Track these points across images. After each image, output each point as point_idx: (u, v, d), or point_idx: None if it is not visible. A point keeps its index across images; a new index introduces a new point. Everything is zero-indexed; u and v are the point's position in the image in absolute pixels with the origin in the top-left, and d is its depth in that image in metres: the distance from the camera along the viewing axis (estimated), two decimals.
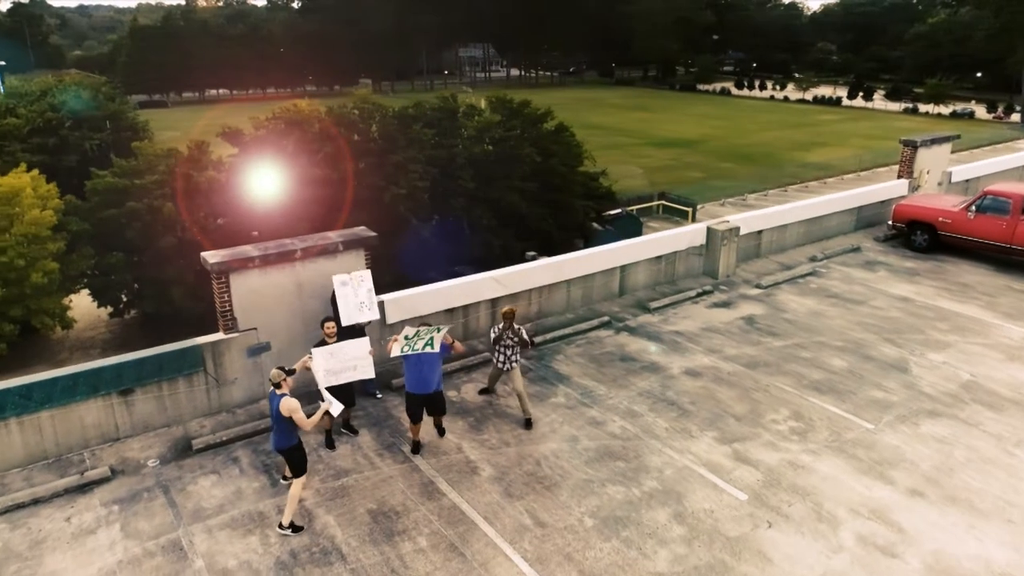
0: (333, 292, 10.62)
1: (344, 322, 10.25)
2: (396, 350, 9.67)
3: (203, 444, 10.04)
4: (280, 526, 8.46)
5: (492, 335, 10.73)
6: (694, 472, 9.65)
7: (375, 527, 8.59)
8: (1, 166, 30.16)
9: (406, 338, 9.66)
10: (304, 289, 11.01)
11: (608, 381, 12.02)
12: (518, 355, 10.69)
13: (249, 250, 10.61)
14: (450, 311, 12.87)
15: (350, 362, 9.71)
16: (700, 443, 10.30)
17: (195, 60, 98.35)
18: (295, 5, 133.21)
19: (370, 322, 10.93)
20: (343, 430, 10.42)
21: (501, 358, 10.65)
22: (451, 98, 38.16)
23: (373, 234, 11.57)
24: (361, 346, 9.85)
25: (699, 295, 15.54)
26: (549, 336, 13.45)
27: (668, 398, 11.48)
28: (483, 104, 39.21)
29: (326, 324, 9.82)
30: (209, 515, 8.76)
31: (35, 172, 28.44)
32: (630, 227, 39.64)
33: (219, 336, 10.60)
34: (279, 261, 10.68)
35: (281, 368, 8.48)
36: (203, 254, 10.45)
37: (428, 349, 9.54)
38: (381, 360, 10.70)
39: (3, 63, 75.08)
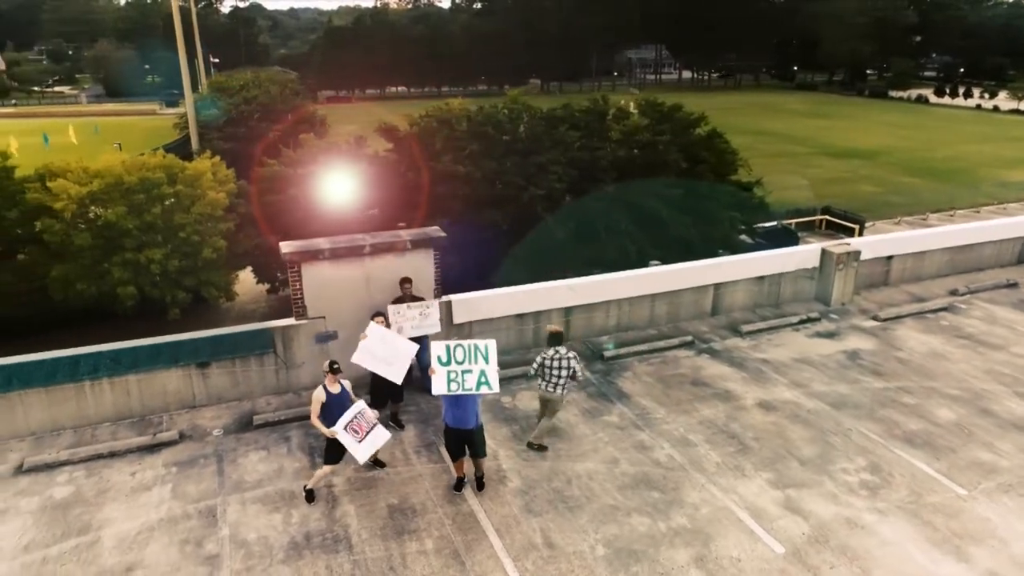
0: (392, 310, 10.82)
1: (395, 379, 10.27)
2: (441, 384, 8.65)
3: (262, 421, 10.77)
4: (304, 487, 9.15)
5: (535, 363, 10.00)
6: (733, 514, 8.92)
7: (389, 523, 8.77)
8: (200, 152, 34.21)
9: (447, 362, 8.66)
10: (372, 283, 11.44)
11: (670, 405, 11.40)
12: (565, 384, 9.95)
13: (321, 243, 11.21)
14: (520, 316, 12.83)
15: (390, 356, 9.95)
16: (750, 484, 9.50)
17: (378, 59, 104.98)
18: (477, 6, 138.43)
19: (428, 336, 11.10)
20: (391, 423, 10.72)
21: (544, 383, 9.97)
22: (601, 100, 37.92)
23: (443, 235, 11.78)
24: (408, 348, 10.08)
25: (802, 322, 14.30)
26: (623, 351, 13.00)
27: (730, 430, 10.69)
28: (632, 107, 38.61)
29: (375, 318, 10.16)
30: (248, 488, 9.40)
31: (216, 158, 31.85)
32: (784, 242, 37.28)
33: (290, 322, 11.32)
34: (348, 255, 11.19)
35: (330, 362, 8.98)
36: (281, 244, 11.19)
37: (485, 390, 8.67)
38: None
39: (216, 60, 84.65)
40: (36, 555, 8.20)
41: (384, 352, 9.94)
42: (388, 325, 10.35)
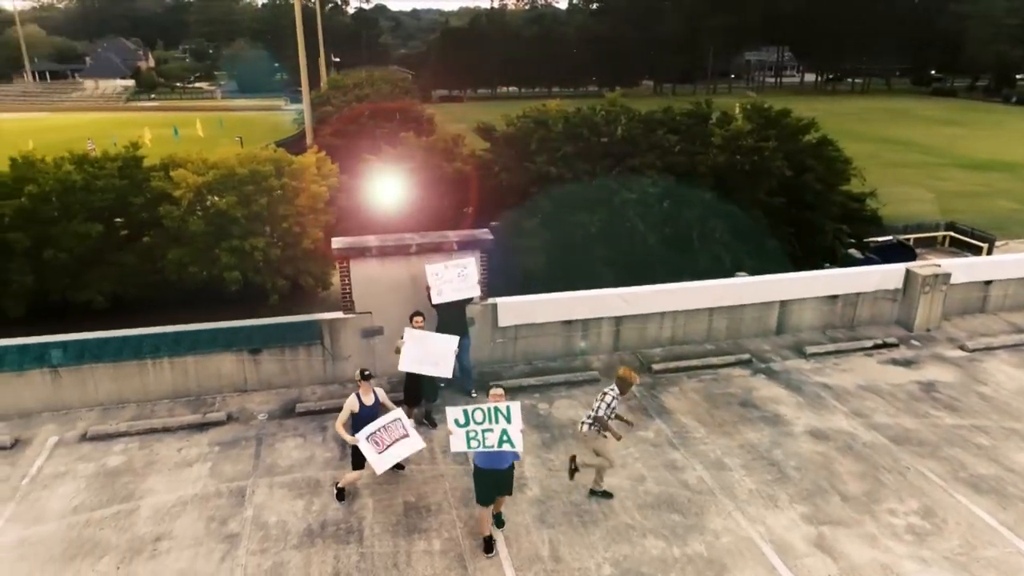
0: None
1: (434, 300, 10.61)
2: (460, 442, 7.90)
3: (304, 409, 11.21)
4: (335, 484, 9.32)
5: (609, 403, 8.86)
6: (755, 547, 8.43)
7: (403, 520, 8.90)
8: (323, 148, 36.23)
9: (465, 424, 7.91)
10: (418, 282, 11.62)
11: (712, 425, 10.92)
12: (589, 422, 8.97)
13: (369, 240, 11.52)
14: (568, 323, 12.67)
15: (433, 356, 10.09)
16: (781, 516, 8.95)
17: (491, 59, 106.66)
18: (593, 6, 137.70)
19: (471, 300, 11.24)
20: (424, 420, 10.87)
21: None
22: (704, 104, 36.86)
23: (490, 237, 11.83)
24: (448, 343, 10.18)
25: (876, 347, 13.32)
26: (671, 365, 12.58)
27: (772, 457, 10.11)
28: (737, 111, 37.28)
29: (415, 318, 10.33)
30: (279, 472, 9.80)
31: (322, 153, 33.45)
32: (899, 259, 34.84)
33: (337, 315, 11.71)
34: (395, 253, 11.44)
35: (361, 370, 9.01)
36: (333, 240, 11.58)
37: (507, 447, 7.93)
38: (487, 360, 10.93)
39: (338, 59, 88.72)
40: (81, 517, 8.91)
41: (426, 353, 10.07)
42: (429, 297, 10.55)
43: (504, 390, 8.42)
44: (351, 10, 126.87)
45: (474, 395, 11.59)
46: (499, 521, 8.77)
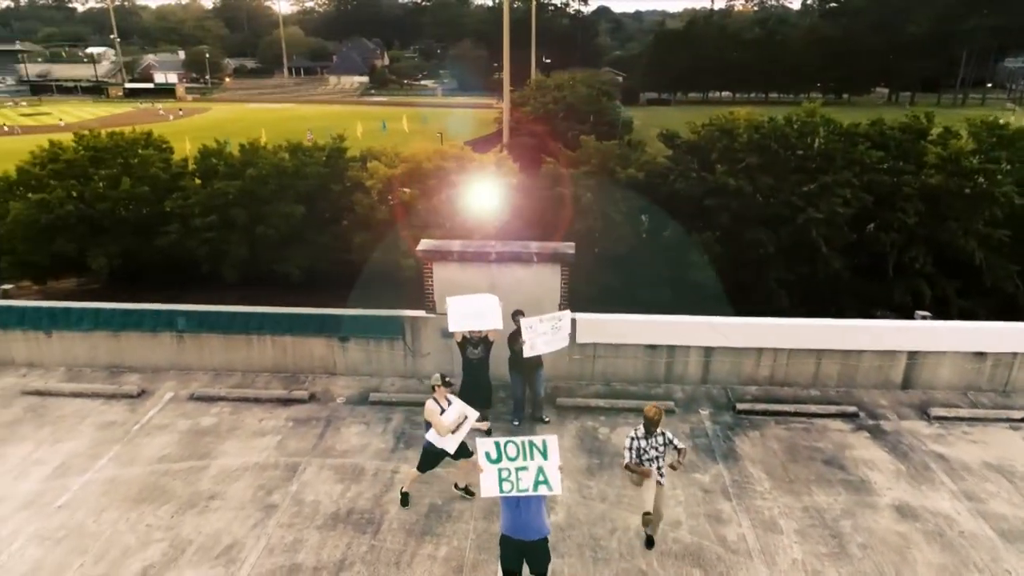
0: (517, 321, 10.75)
1: (526, 353, 10.30)
2: (491, 485, 7.09)
3: (376, 399, 11.83)
4: (401, 489, 9.43)
5: (628, 445, 8.34)
6: None
7: (423, 520, 9.11)
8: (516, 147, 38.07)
9: (497, 459, 7.12)
10: (497, 289, 11.69)
11: (781, 479, 9.86)
12: (663, 464, 8.36)
13: (452, 244, 11.84)
14: (652, 347, 12.07)
15: (478, 310, 10.20)
16: None
17: (705, 62, 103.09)
18: (831, 5, 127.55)
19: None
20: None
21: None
22: (923, 118, 32.93)
23: (571, 252, 11.62)
24: (491, 298, 10.31)
25: None
26: (759, 407, 11.50)
27: (837, 528, 8.92)
28: (962, 128, 32.79)
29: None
30: (332, 455, 10.47)
31: (503, 153, 34.79)
32: None
33: (420, 313, 12.18)
34: (475, 259, 11.66)
35: (441, 375, 8.98)
36: (422, 241, 12.06)
37: (544, 490, 7.07)
38: (563, 376, 10.83)
39: (548, 60, 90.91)
40: (162, 467, 10.20)
41: (472, 308, 10.18)
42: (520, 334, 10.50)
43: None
44: (571, 11, 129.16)
45: (547, 420, 11.35)
46: None
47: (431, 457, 9.12)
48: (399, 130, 53.84)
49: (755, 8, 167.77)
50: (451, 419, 8.82)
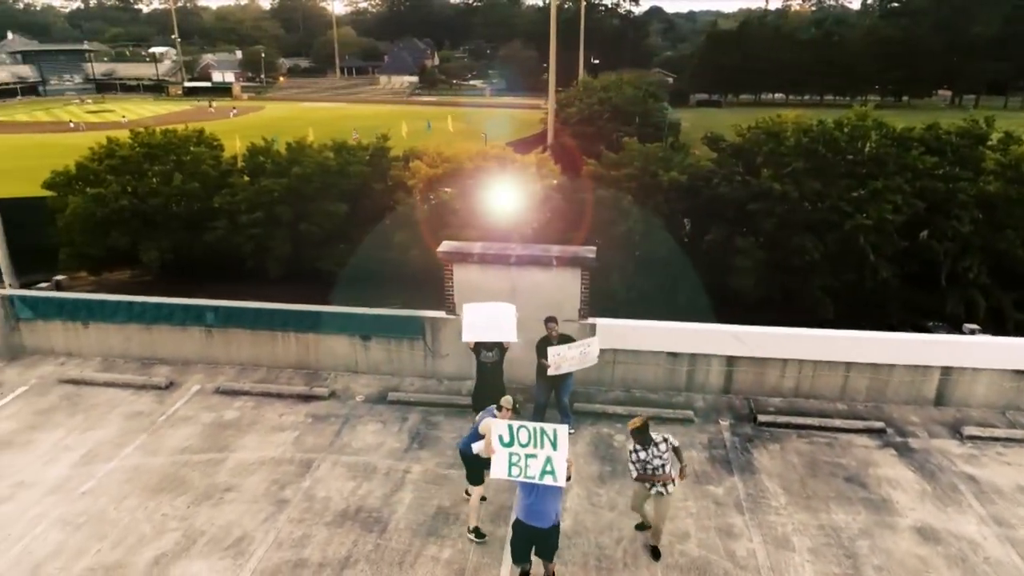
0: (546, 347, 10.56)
1: (550, 372, 10.29)
2: (501, 468, 7.34)
3: (395, 398, 11.93)
4: (468, 529, 8.87)
5: (631, 460, 8.14)
6: None
7: (429, 522, 9.14)
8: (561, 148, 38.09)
9: (509, 443, 7.38)
10: (518, 293, 11.71)
11: (798, 495, 9.59)
12: (670, 471, 8.13)
13: (472, 246, 11.85)
14: (673, 355, 11.88)
15: (495, 321, 10.14)
16: None
17: (758, 62, 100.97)
18: (893, 5, 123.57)
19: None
20: None
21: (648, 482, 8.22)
22: (983, 122, 31.67)
23: (591, 256, 11.50)
24: (507, 308, 10.25)
25: None
26: (781, 419, 11.21)
27: (853, 548, 8.63)
28: None
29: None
30: (347, 452, 10.60)
31: (546, 154, 34.79)
32: None
33: (440, 314, 12.23)
34: (495, 262, 11.64)
35: (514, 399, 8.30)
36: (444, 243, 12.11)
37: (549, 480, 7.22)
38: (580, 381, 10.81)
39: (596, 61, 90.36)
40: (183, 457, 10.47)
41: (487, 319, 10.12)
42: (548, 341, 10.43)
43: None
44: (622, 11, 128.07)
45: (572, 431, 11.20)
46: None
47: (474, 462, 8.53)
48: (443, 130, 54.20)
49: (813, 8, 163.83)
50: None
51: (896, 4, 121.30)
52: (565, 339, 10.45)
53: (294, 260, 25.02)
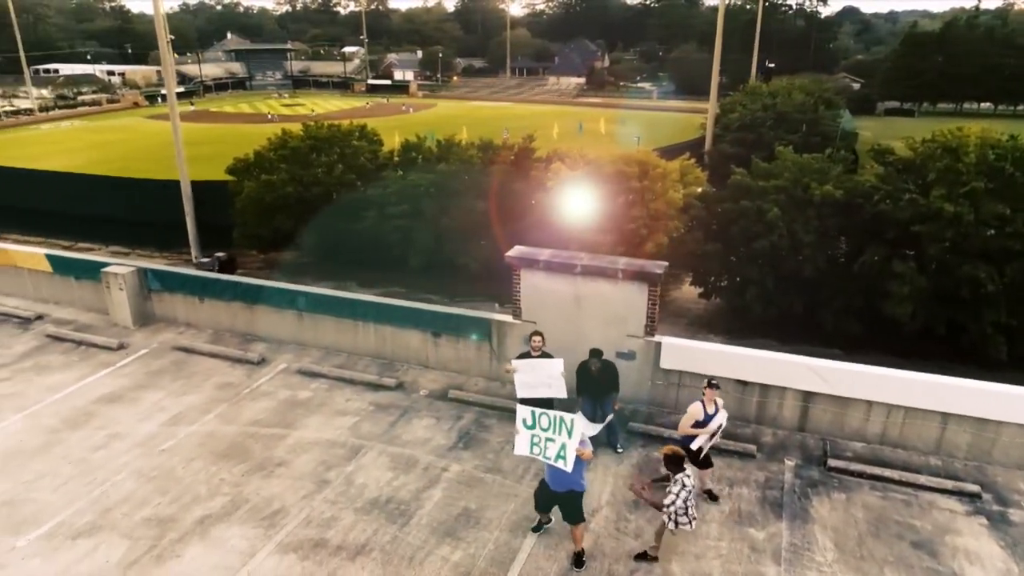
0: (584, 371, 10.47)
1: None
2: (523, 446, 8.29)
3: (455, 396, 12.16)
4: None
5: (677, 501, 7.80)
6: None
7: (451, 523, 9.25)
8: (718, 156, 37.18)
9: (531, 426, 8.23)
10: (582, 303, 11.52)
11: (851, 553, 8.62)
12: (688, 506, 7.80)
13: (538, 253, 11.76)
14: (742, 384, 11.10)
15: (544, 379, 10.12)
16: None
17: (962, 68, 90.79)
18: None
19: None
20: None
21: (684, 518, 7.83)
22: None
23: (659, 271, 11.01)
24: (555, 366, 10.09)
25: None
26: (854, 467, 10.10)
27: None
28: None
29: (534, 337, 10.36)
30: (395, 443, 10.96)
31: (691, 161, 33.71)
32: None
33: (507, 319, 12.28)
34: (560, 270, 11.49)
35: (709, 378, 9.23)
36: (516, 247, 12.13)
37: (560, 464, 7.96)
38: (644, 400, 10.71)
39: (771, 65, 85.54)
40: (251, 429, 11.35)
41: (536, 377, 10.13)
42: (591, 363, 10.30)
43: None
44: (808, 11, 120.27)
45: (620, 450, 10.81)
46: (578, 560, 8.50)
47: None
48: (595, 131, 53.98)
49: None
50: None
51: None
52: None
53: (435, 252, 26.11)
